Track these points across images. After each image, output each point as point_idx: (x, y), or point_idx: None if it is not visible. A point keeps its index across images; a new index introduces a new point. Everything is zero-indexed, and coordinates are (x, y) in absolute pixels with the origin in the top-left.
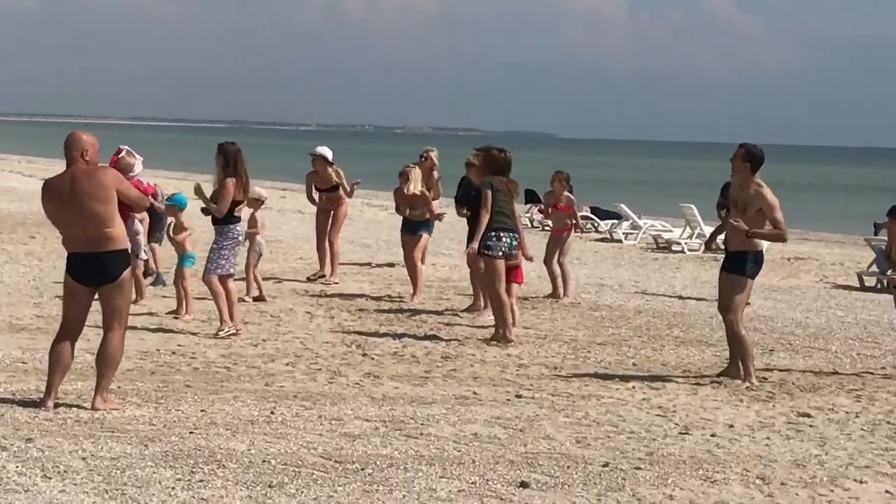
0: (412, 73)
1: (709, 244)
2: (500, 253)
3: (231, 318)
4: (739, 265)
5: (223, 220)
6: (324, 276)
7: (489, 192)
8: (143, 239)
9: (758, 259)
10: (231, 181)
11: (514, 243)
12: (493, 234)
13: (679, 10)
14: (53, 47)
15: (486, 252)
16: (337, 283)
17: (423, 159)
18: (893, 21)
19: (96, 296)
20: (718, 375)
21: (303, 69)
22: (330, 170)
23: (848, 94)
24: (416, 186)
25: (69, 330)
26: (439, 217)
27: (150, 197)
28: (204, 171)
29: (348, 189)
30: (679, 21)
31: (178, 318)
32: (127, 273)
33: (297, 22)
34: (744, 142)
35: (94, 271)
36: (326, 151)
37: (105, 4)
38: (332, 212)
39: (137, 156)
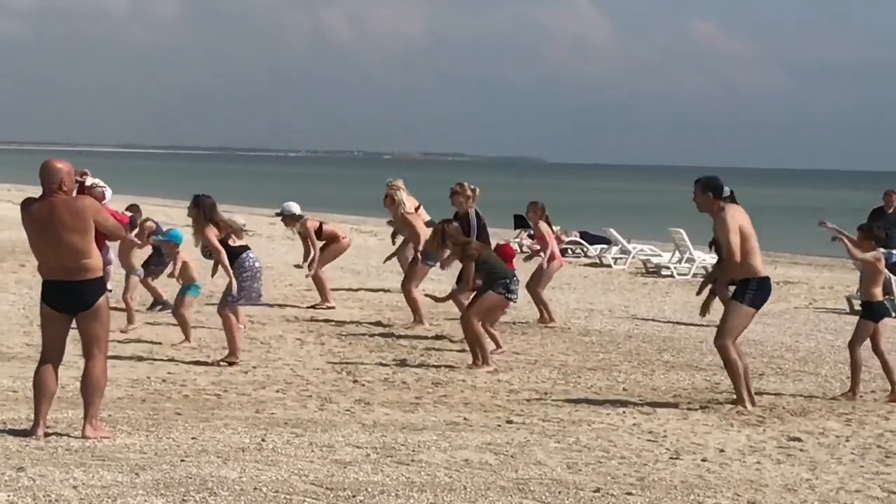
0: (400, 98)
1: (701, 291)
2: (515, 298)
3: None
4: (740, 292)
5: (231, 258)
6: (327, 305)
7: (471, 266)
8: (112, 269)
9: (761, 286)
10: (211, 230)
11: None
12: (516, 279)
13: (666, 33)
14: (40, 74)
15: (507, 294)
16: (329, 307)
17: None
18: (883, 46)
19: (74, 323)
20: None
21: (290, 95)
22: (299, 225)
23: (837, 118)
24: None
25: (50, 357)
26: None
27: (126, 226)
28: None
29: (314, 252)
30: (666, 45)
31: (176, 346)
32: (103, 300)
33: (283, 47)
34: (727, 168)
35: (70, 299)
36: (293, 207)
37: (92, 31)
38: (326, 244)
39: (103, 184)
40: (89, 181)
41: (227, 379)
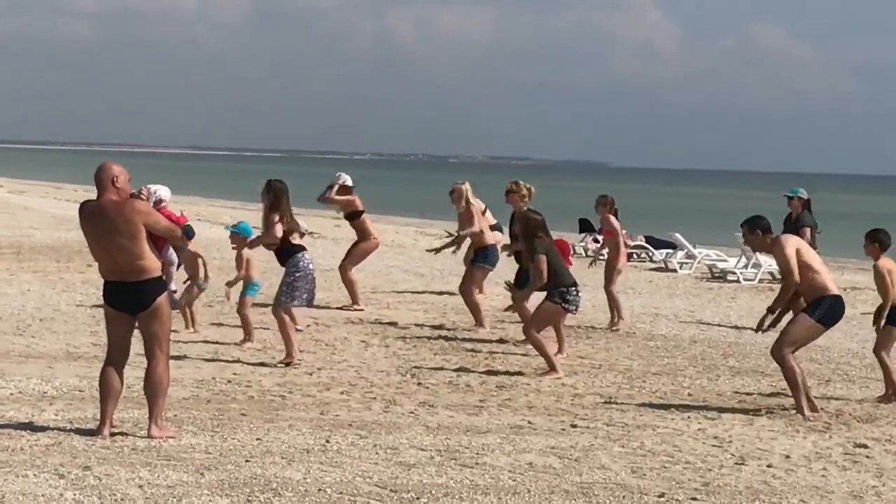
0: (465, 101)
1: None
2: (574, 308)
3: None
4: (811, 307)
5: (286, 254)
6: (356, 307)
7: (543, 258)
8: (174, 270)
9: (834, 304)
10: (276, 216)
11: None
12: (573, 288)
13: (732, 38)
14: (108, 76)
15: (563, 304)
16: (360, 309)
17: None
18: None
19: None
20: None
21: (356, 98)
22: (346, 197)
23: None
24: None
25: (114, 356)
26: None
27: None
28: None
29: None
30: (732, 50)
31: (240, 346)
32: (162, 299)
33: (349, 50)
34: (791, 173)
35: (128, 299)
36: (347, 179)
37: (159, 34)
38: (357, 242)
39: (163, 187)
40: (151, 189)
41: (292, 380)
